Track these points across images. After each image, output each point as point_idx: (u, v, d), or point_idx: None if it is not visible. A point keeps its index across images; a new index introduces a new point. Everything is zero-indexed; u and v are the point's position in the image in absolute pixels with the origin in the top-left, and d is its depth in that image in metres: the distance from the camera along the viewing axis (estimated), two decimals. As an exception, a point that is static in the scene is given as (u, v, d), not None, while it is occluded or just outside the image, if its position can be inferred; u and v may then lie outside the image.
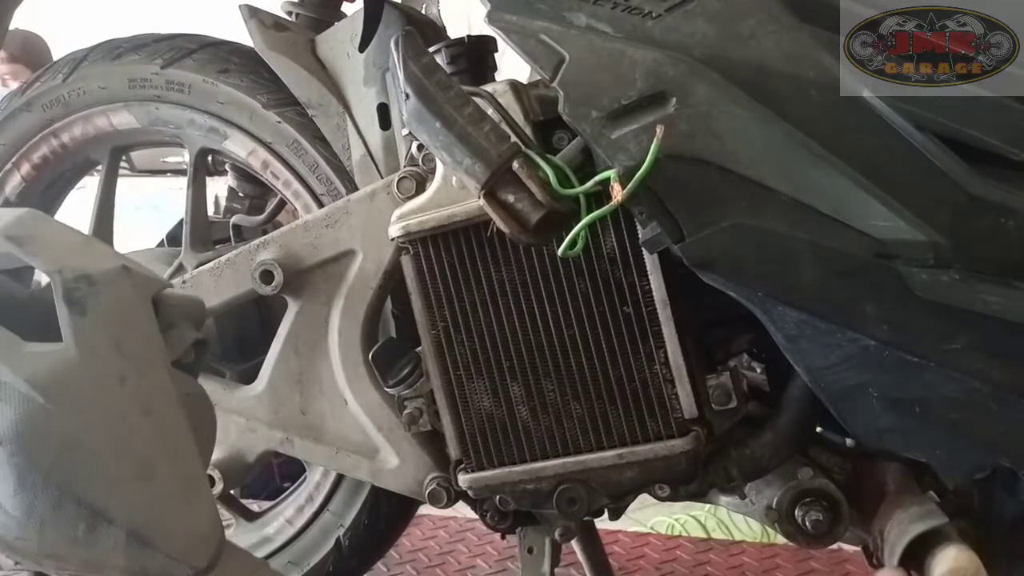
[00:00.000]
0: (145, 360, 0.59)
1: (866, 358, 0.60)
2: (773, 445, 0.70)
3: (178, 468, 0.59)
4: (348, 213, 0.82)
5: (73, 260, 0.57)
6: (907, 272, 0.57)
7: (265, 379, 0.87)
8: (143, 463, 0.57)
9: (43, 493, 0.53)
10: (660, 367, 0.69)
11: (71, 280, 0.56)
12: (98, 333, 0.56)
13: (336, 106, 0.90)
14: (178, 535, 0.57)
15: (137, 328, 0.59)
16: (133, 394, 0.57)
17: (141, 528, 0.55)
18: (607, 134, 0.60)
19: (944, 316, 0.57)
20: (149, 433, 0.58)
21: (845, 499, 0.72)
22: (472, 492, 0.75)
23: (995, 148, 0.58)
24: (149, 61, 0.98)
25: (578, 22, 0.63)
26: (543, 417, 0.72)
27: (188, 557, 0.57)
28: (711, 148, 0.59)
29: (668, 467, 0.69)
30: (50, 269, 0.56)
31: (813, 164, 0.59)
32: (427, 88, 0.61)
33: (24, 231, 0.58)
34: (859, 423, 0.62)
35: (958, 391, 0.59)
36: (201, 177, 1.01)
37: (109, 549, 0.54)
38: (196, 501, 0.60)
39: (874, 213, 0.58)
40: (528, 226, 0.60)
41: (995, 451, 0.60)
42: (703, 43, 0.60)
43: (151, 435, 0.58)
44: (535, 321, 0.71)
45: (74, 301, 0.56)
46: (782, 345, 0.62)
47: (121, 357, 0.57)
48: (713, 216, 0.60)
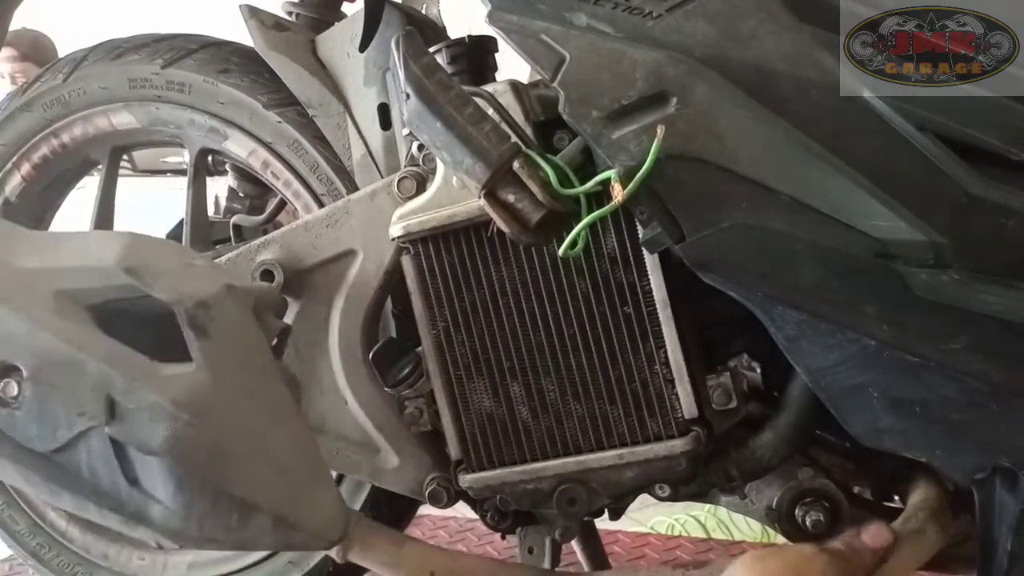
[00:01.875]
0: (264, 373, 0.68)
1: (866, 358, 0.60)
2: (773, 445, 0.70)
3: (307, 461, 0.69)
4: (348, 213, 0.82)
5: (187, 288, 0.65)
6: (907, 272, 0.57)
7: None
8: (280, 462, 0.66)
9: (200, 493, 0.62)
10: (660, 367, 0.69)
11: (191, 308, 0.64)
12: (222, 353, 0.65)
13: (336, 106, 0.90)
14: (315, 516, 0.67)
15: (251, 342, 0.68)
16: (261, 406, 0.66)
17: (284, 514, 0.65)
18: (607, 134, 0.60)
19: (944, 316, 0.57)
20: (280, 437, 0.67)
21: (845, 499, 0.72)
22: (472, 492, 0.75)
23: (995, 148, 0.58)
24: (149, 61, 0.98)
25: (579, 22, 0.63)
26: (543, 417, 0.72)
27: (323, 532, 0.68)
28: (711, 148, 0.59)
29: (668, 467, 0.69)
30: (171, 299, 0.64)
31: (813, 164, 0.59)
32: (428, 88, 0.61)
33: (138, 261, 0.66)
34: (859, 423, 0.62)
35: (958, 391, 0.59)
36: (201, 177, 1.01)
37: (259, 532, 0.64)
38: (324, 485, 0.70)
39: (874, 213, 0.58)
40: (529, 226, 0.60)
41: (995, 451, 0.60)
42: (704, 43, 0.60)
43: (282, 438, 0.67)
44: (535, 321, 0.71)
45: (198, 326, 0.64)
46: (782, 345, 0.62)
47: (245, 374, 0.66)
48: (713, 216, 0.60)
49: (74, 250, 0.69)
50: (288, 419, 0.68)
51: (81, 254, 0.68)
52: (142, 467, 0.62)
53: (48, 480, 0.64)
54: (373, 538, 0.74)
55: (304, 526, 0.66)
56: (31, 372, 0.63)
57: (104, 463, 0.62)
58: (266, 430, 0.66)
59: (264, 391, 0.67)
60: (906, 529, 0.68)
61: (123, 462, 0.62)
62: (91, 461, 0.63)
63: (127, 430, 0.61)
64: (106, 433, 0.62)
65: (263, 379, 0.67)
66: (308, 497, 0.67)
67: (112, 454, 0.62)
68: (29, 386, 0.63)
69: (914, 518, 0.69)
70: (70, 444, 0.63)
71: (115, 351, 0.64)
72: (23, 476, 0.65)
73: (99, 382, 0.62)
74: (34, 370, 0.63)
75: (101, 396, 0.62)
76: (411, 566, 0.75)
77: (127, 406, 0.61)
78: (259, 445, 0.65)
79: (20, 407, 0.63)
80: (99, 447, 0.62)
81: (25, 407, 0.63)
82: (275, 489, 0.65)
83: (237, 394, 0.65)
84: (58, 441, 0.63)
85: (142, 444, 0.61)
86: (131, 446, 0.62)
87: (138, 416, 0.61)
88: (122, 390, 0.62)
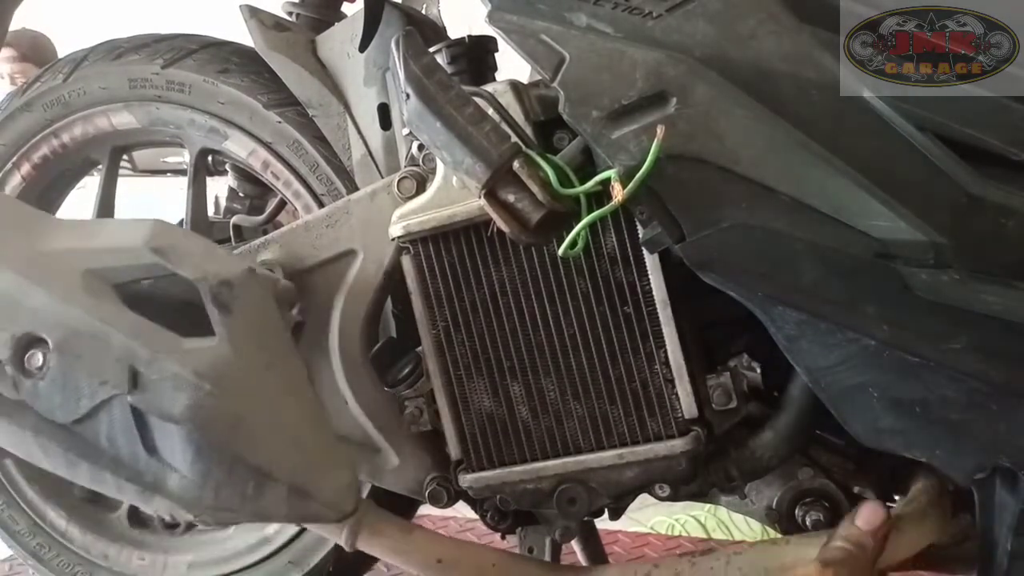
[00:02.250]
0: (281, 349, 0.70)
1: (866, 358, 0.60)
2: (773, 445, 0.70)
3: (321, 434, 0.71)
4: (348, 213, 0.82)
5: (212, 267, 0.68)
6: (907, 272, 0.57)
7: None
8: (295, 432, 0.68)
9: (218, 461, 0.64)
10: (660, 367, 0.69)
11: (216, 285, 0.66)
12: (243, 329, 0.67)
13: (337, 106, 0.90)
14: (328, 487, 0.68)
15: (271, 321, 0.70)
16: (278, 378, 0.68)
17: (299, 483, 0.66)
18: (607, 134, 0.60)
19: (944, 316, 0.57)
20: (295, 408, 0.69)
21: (845, 499, 0.72)
22: (472, 492, 0.75)
23: (995, 148, 0.58)
24: (149, 61, 0.98)
25: (579, 22, 0.63)
26: (543, 417, 0.72)
27: (337, 503, 0.69)
28: (711, 148, 0.59)
29: (668, 467, 0.69)
30: (196, 277, 0.66)
31: (813, 164, 0.59)
32: (428, 88, 0.61)
33: (165, 242, 0.68)
34: (859, 423, 0.62)
35: (958, 391, 0.59)
36: (201, 177, 1.01)
37: (274, 502, 0.65)
38: (338, 458, 0.72)
39: (874, 213, 0.58)
40: (529, 226, 0.60)
41: (995, 451, 0.60)
42: (704, 43, 0.60)
43: (298, 410, 0.69)
44: (535, 321, 0.71)
45: (221, 303, 0.66)
46: (782, 345, 0.62)
47: (263, 349, 0.68)
48: (713, 216, 0.60)
49: (103, 233, 0.72)
50: (304, 394, 0.70)
51: (110, 236, 0.71)
52: (161, 436, 0.63)
53: (67, 451, 0.66)
54: (382, 525, 0.75)
55: (318, 496, 0.67)
56: (57, 343, 0.65)
57: (124, 432, 0.64)
58: (283, 403, 0.68)
59: (282, 366, 0.69)
60: (908, 511, 0.69)
61: (143, 431, 0.64)
62: (111, 431, 0.64)
63: (149, 399, 0.63)
64: (128, 402, 0.63)
65: (281, 356, 0.69)
66: (322, 468, 0.69)
67: (133, 423, 0.63)
68: (54, 357, 0.64)
69: (915, 501, 0.70)
70: (92, 413, 0.64)
71: (140, 325, 0.65)
72: (42, 448, 0.66)
73: (123, 354, 0.64)
74: (60, 341, 0.65)
75: (125, 367, 0.63)
76: (419, 554, 0.76)
77: (150, 376, 0.63)
78: (276, 416, 0.67)
79: (44, 377, 0.65)
80: (120, 416, 0.64)
81: (49, 377, 0.64)
82: (291, 459, 0.66)
83: (256, 368, 0.67)
84: (80, 410, 0.64)
85: (163, 412, 0.63)
86: (152, 415, 0.63)
87: (160, 386, 0.63)
88: (145, 361, 0.63)
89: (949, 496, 0.71)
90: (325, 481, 0.68)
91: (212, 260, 0.69)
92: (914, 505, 0.69)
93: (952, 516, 0.72)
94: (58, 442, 0.66)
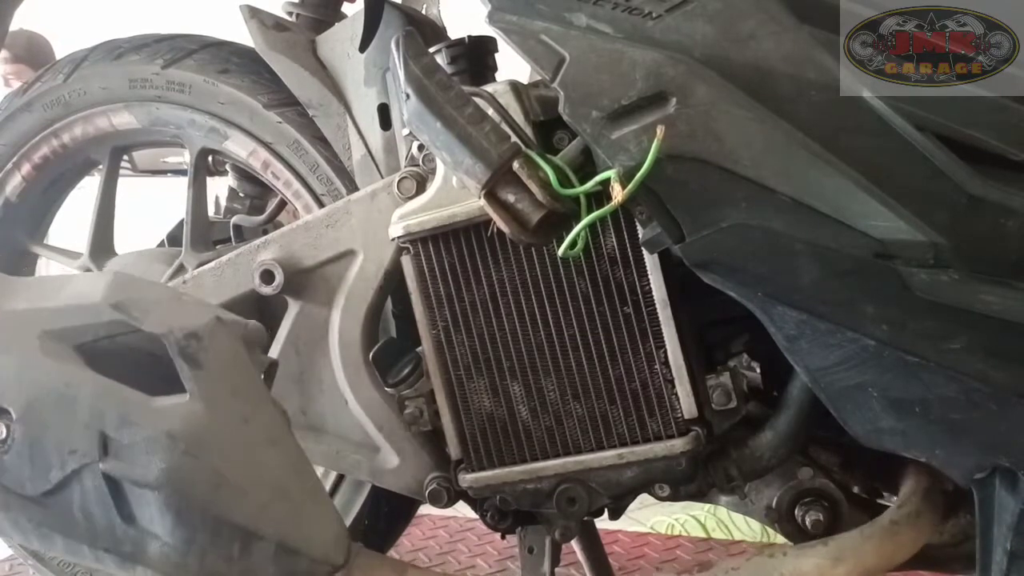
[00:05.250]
0: (256, 398, 0.67)
1: (866, 358, 0.60)
2: (773, 445, 0.70)
3: (306, 483, 0.68)
4: (348, 213, 0.82)
5: (176, 320, 0.65)
6: (906, 272, 0.57)
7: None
8: (279, 486, 0.65)
9: (200, 524, 0.61)
10: (660, 367, 0.69)
11: (182, 339, 0.63)
12: (215, 382, 0.64)
13: (337, 106, 0.90)
14: (317, 540, 0.66)
15: (242, 370, 0.67)
16: (256, 429, 0.66)
17: (287, 540, 0.64)
18: (607, 134, 0.60)
19: (943, 316, 0.57)
20: (278, 460, 0.66)
21: (845, 499, 0.72)
22: (472, 492, 0.75)
23: (995, 148, 0.58)
24: (150, 61, 0.98)
25: (578, 22, 0.62)
26: (543, 417, 0.72)
27: (327, 556, 0.66)
28: (711, 148, 0.59)
29: (668, 467, 0.69)
30: (162, 332, 0.63)
31: (813, 164, 0.59)
32: (428, 88, 0.61)
33: (125, 296, 0.65)
34: (859, 423, 0.62)
35: (957, 391, 0.59)
36: (202, 177, 1.01)
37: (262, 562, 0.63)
38: (324, 508, 0.69)
39: (874, 213, 0.58)
40: (528, 226, 0.60)
41: (995, 451, 0.60)
42: (703, 44, 0.60)
43: (280, 461, 0.67)
44: (535, 321, 0.71)
45: (189, 357, 0.63)
46: (782, 345, 0.62)
47: (238, 400, 0.65)
48: (713, 216, 0.60)
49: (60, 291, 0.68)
50: (283, 443, 0.67)
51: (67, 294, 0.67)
52: (138, 503, 0.61)
53: (39, 525, 0.63)
54: (374, 567, 0.72)
55: (307, 552, 0.65)
56: (20, 413, 0.62)
57: (98, 502, 0.61)
58: (263, 455, 0.65)
59: (258, 417, 0.66)
60: (902, 513, 0.69)
61: (118, 499, 0.61)
62: (84, 501, 0.61)
63: (122, 465, 0.60)
64: (100, 470, 0.60)
65: (256, 405, 0.66)
66: (309, 521, 0.66)
67: (106, 492, 0.61)
68: (19, 428, 0.62)
69: (908, 503, 0.70)
70: (62, 485, 0.61)
71: (106, 387, 0.62)
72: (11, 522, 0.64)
73: (91, 419, 0.61)
74: (23, 411, 0.62)
75: (94, 433, 0.61)
76: None
77: (121, 441, 0.60)
78: (257, 471, 0.64)
79: (9, 450, 0.62)
80: (92, 486, 0.61)
81: (15, 449, 0.62)
82: (275, 514, 0.64)
83: (232, 421, 0.64)
84: (50, 482, 0.61)
85: (138, 478, 0.60)
86: (126, 482, 0.60)
87: (133, 450, 0.60)
88: (115, 425, 0.61)
89: (943, 496, 0.71)
90: (313, 534, 0.66)
91: (176, 312, 0.66)
92: (908, 507, 0.69)
93: (949, 516, 0.72)
94: (29, 516, 0.63)
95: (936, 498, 0.71)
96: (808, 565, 0.69)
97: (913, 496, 0.71)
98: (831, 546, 0.69)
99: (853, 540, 0.70)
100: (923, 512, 0.70)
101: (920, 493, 0.71)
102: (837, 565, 0.69)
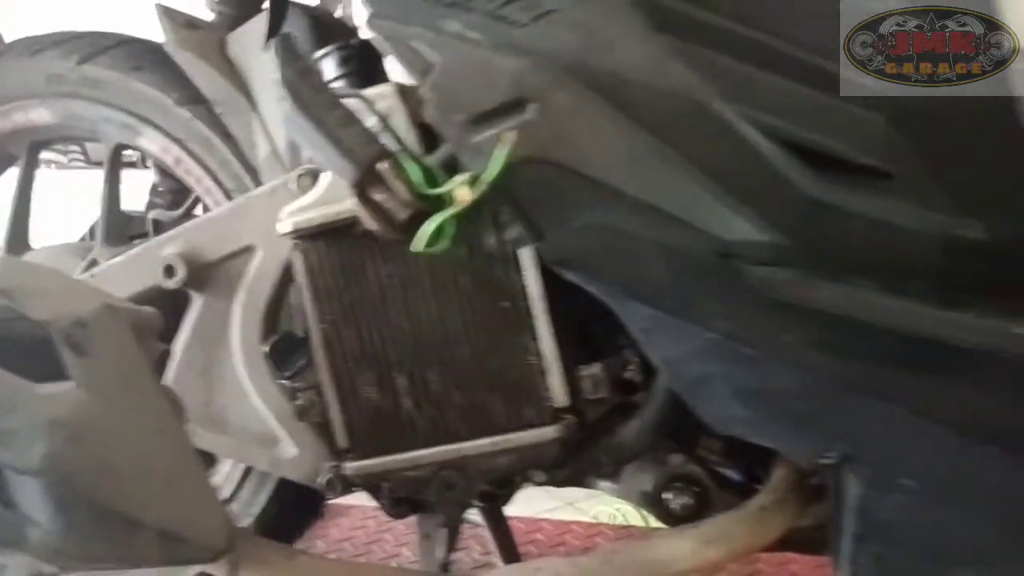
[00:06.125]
0: (144, 387, 0.67)
1: (711, 350, 0.63)
2: (638, 432, 0.74)
3: (190, 472, 0.68)
4: (249, 209, 0.84)
5: (63, 306, 0.63)
6: (746, 270, 0.61)
7: (172, 372, 0.89)
8: (163, 476, 0.65)
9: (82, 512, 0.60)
10: (534, 358, 0.72)
11: (67, 326, 0.62)
12: (101, 370, 0.63)
13: (244, 103, 0.92)
14: (200, 526, 0.66)
15: (130, 358, 0.66)
16: (143, 421, 0.65)
17: (170, 526, 0.63)
18: (467, 139, 0.63)
19: (778, 311, 0.61)
20: (163, 451, 0.66)
21: (714, 484, 0.76)
22: (359, 480, 0.78)
23: (839, 152, 0.61)
24: (66, 57, 0.99)
25: (450, 29, 0.65)
26: (426, 407, 0.75)
27: (210, 543, 0.66)
28: (566, 153, 0.62)
29: (539, 453, 0.72)
30: (46, 318, 0.62)
31: (664, 169, 0.62)
32: (300, 92, 0.64)
33: (11, 282, 0.64)
34: (709, 411, 0.66)
35: (795, 381, 0.62)
36: (116, 172, 1.02)
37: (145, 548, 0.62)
38: (207, 496, 0.70)
39: (720, 215, 0.61)
40: (395, 225, 0.63)
41: (832, 438, 0.64)
42: (566, 51, 0.63)
43: (165, 453, 0.66)
44: (419, 315, 0.74)
45: (75, 344, 0.62)
46: (637, 338, 0.66)
47: (126, 390, 0.65)
48: (567, 217, 0.63)
49: None
50: (171, 434, 0.68)
51: None
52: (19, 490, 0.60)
53: None
54: (263, 554, 0.73)
55: (191, 538, 0.65)
56: None
57: None
58: (149, 445, 0.65)
59: (146, 407, 0.66)
60: (770, 499, 0.73)
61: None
62: None
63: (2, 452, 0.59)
64: None
65: (145, 395, 0.67)
66: (193, 510, 0.67)
67: None
68: None
69: (776, 489, 0.74)
70: None
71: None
72: None
73: None
74: None
75: None
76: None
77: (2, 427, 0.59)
78: (143, 460, 0.64)
79: None
80: None
81: None
82: (160, 503, 0.64)
83: (119, 410, 0.64)
84: None
85: (19, 465, 0.59)
86: (7, 468, 0.59)
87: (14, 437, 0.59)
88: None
89: (809, 483, 0.75)
90: (196, 523, 0.66)
91: (65, 299, 0.65)
92: (775, 493, 0.73)
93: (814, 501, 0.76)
94: None
95: (803, 484, 0.75)
96: (682, 548, 0.73)
97: (782, 482, 0.75)
98: (702, 529, 0.73)
99: (724, 523, 0.73)
100: (789, 498, 0.74)
101: (788, 479, 0.75)
102: (709, 547, 0.73)
